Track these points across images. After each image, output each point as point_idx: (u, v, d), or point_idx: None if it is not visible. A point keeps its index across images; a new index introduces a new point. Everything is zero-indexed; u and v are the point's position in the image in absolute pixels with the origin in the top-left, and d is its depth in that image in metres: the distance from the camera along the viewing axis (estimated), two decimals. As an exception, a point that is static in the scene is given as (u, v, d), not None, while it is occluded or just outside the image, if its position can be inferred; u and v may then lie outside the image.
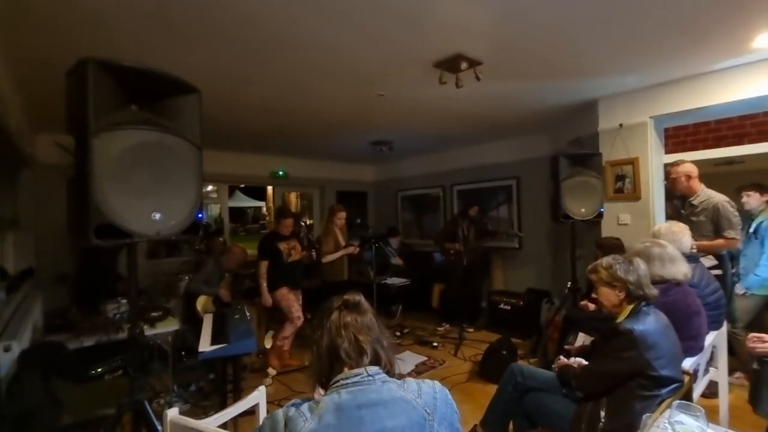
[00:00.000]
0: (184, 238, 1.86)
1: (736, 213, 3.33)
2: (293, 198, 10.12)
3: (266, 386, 1.98)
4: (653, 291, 2.03)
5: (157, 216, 1.66)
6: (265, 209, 16.97)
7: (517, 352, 4.07)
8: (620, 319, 1.99)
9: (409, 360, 4.53)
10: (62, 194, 4.85)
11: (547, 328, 4.28)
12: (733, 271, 3.63)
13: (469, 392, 3.66)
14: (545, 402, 2.25)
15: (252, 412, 1.90)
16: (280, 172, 7.37)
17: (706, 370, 2.69)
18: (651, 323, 1.88)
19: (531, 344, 4.67)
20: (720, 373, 2.83)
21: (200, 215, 1.90)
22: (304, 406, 1.04)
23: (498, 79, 3.60)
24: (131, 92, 1.66)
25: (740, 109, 3.75)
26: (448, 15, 2.50)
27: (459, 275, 5.46)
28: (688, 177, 3.48)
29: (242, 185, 12.63)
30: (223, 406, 2.50)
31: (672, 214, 3.84)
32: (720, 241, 3.28)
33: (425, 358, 4.61)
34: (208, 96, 1.96)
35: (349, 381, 1.09)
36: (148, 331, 3.18)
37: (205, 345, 2.77)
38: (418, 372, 4.25)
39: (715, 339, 2.65)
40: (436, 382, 1.19)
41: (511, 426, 2.42)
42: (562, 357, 2.36)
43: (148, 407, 1.74)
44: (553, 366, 2.36)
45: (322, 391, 1.16)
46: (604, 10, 2.49)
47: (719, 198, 3.35)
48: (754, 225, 3.59)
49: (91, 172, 1.46)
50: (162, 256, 6.18)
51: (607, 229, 4.23)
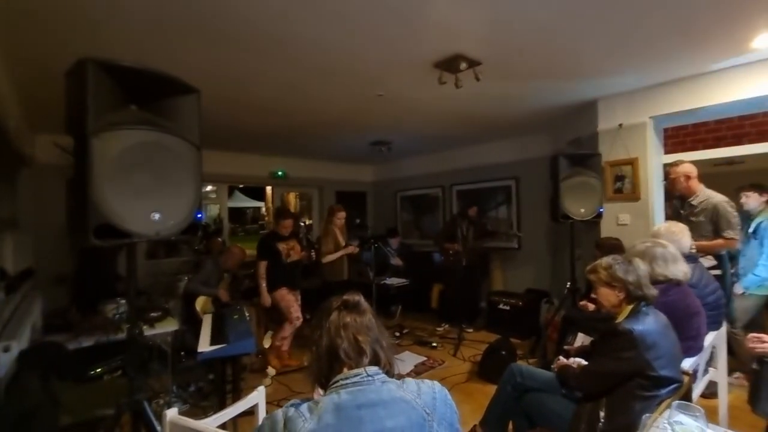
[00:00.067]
0: (184, 238, 1.86)
1: (736, 213, 3.32)
2: (292, 198, 10.11)
3: (265, 386, 1.98)
4: (653, 291, 2.03)
5: (157, 216, 1.66)
6: (264, 209, 16.98)
7: (516, 353, 4.06)
8: (620, 319, 1.99)
9: (408, 360, 4.53)
10: (61, 194, 4.84)
11: (546, 328, 4.28)
12: (733, 271, 3.63)
13: (469, 392, 3.66)
14: (545, 402, 2.25)
15: (251, 412, 1.90)
16: (280, 173, 7.36)
17: (706, 371, 2.69)
18: (650, 323, 1.88)
19: (530, 344, 4.66)
20: (719, 373, 2.83)
21: (199, 215, 1.90)
22: (304, 407, 1.04)
23: (497, 80, 3.60)
24: (130, 92, 1.66)
25: (739, 110, 3.76)
26: (448, 15, 2.50)
27: (458, 275, 5.46)
28: (687, 177, 3.48)
29: (241, 185, 12.64)
30: (222, 406, 2.50)
31: (671, 215, 3.83)
32: (719, 242, 3.28)
33: (424, 359, 4.61)
34: (207, 96, 1.96)
35: (348, 381, 1.09)
36: (148, 332, 3.17)
37: (204, 345, 2.77)
38: (417, 372, 4.25)
39: (715, 339, 2.65)
40: (435, 382, 1.19)
41: (510, 426, 2.42)
42: (561, 357, 2.36)
43: (147, 407, 1.74)
44: (552, 366, 2.36)
45: (321, 392, 1.16)
46: (604, 10, 2.49)
47: (718, 198, 3.35)
48: (753, 225, 3.59)
49: (91, 172, 1.46)
50: (161, 256, 6.17)
51: (607, 230, 4.23)
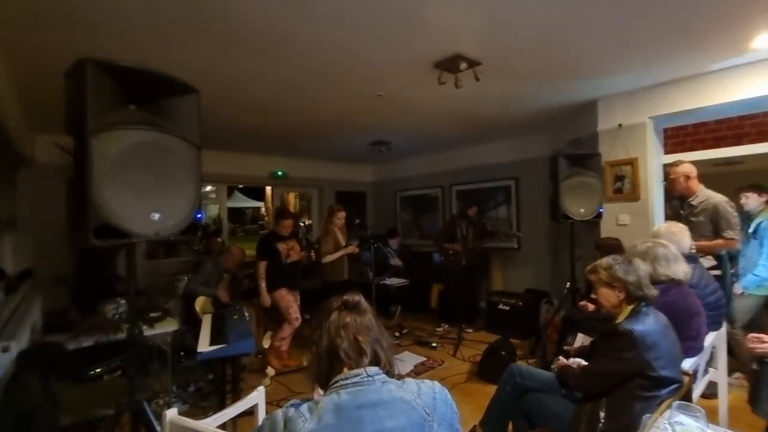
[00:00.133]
0: (183, 238, 1.86)
1: (736, 213, 3.32)
2: (292, 198, 10.11)
3: (265, 386, 1.97)
4: (653, 291, 2.03)
5: (156, 216, 1.66)
6: (263, 210, 16.98)
7: (516, 353, 4.07)
8: (620, 319, 1.98)
9: (407, 360, 4.53)
10: (61, 194, 4.84)
11: (546, 328, 4.28)
12: (732, 271, 3.63)
13: (468, 392, 3.66)
14: (544, 402, 2.25)
15: (251, 412, 1.90)
16: (279, 173, 7.36)
17: (706, 371, 2.69)
18: (651, 324, 1.88)
19: (530, 345, 4.66)
20: (719, 373, 2.83)
21: (199, 215, 1.90)
22: (304, 407, 1.04)
23: (497, 80, 3.60)
24: (130, 92, 1.66)
25: (739, 110, 3.76)
26: (447, 16, 2.50)
27: (458, 276, 5.46)
28: (687, 177, 3.48)
29: (241, 185, 12.66)
30: (221, 406, 2.50)
31: (671, 215, 3.83)
32: (719, 242, 3.27)
33: (424, 359, 4.61)
34: (207, 96, 1.96)
35: (348, 381, 1.08)
36: (147, 332, 3.17)
37: (204, 345, 2.76)
38: (416, 372, 4.25)
39: (715, 339, 2.65)
40: (435, 382, 1.19)
41: (510, 426, 2.42)
42: (561, 357, 2.35)
43: (147, 408, 1.73)
44: (552, 366, 2.36)
45: (321, 392, 1.16)
46: (603, 11, 2.49)
47: (718, 198, 3.35)
48: (753, 225, 3.59)
49: (90, 172, 1.46)
50: (161, 256, 6.17)
51: (606, 230, 4.23)
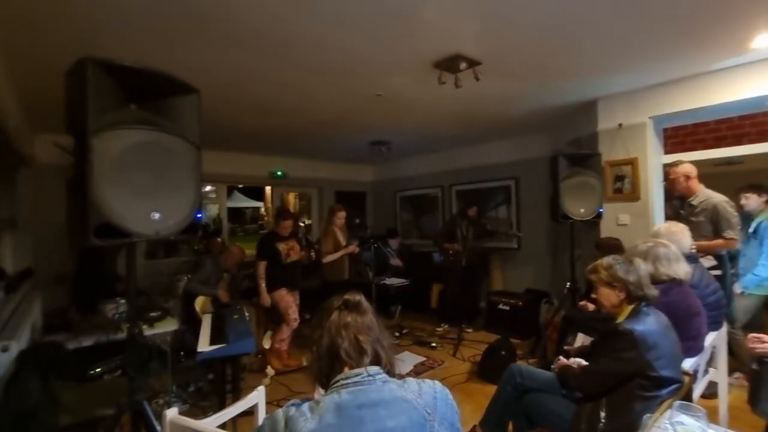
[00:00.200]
0: (183, 237, 1.86)
1: (736, 213, 3.31)
2: (291, 198, 10.10)
3: (264, 386, 1.97)
4: (653, 291, 2.03)
5: (157, 216, 1.66)
6: (263, 209, 16.96)
7: (516, 353, 4.06)
8: (620, 319, 1.98)
9: (407, 360, 4.53)
10: (61, 194, 4.82)
11: (546, 328, 4.29)
12: (733, 271, 3.63)
13: (469, 392, 3.66)
14: (545, 402, 2.24)
15: (251, 412, 1.90)
16: (279, 173, 7.35)
17: (706, 371, 2.69)
18: (651, 324, 1.88)
19: (530, 345, 4.66)
20: (720, 373, 2.83)
21: (199, 215, 1.90)
22: (305, 406, 1.04)
23: (497, 80, 3.60)
24: (130, 92, 1.66)
25: (739, 109, 3.75)
26: (447, 15, 2.50)
27: (458, 275, 5.46)
28: (687, 177, 3.47)
29: (240, 185, 12.65)
30: (221, 406, 2.50)
31: (671, 215, 3.83)
32: (719, 242, 3.27)
33: (424, 359, 4.61)
34: (207, 96, 1.95)
35: (349, 381, 1.08)
36: (147, 332, 3.17)
37: (204, 345, 2.77)
38: (416, 372, 4.25)
39: (715, 339, 2.65)
40: (436, 382, 1.19)
41: (510, 426, 2.42)
42: (561, 357, 2.35)
43: (147, 407, 1.73)
44: (552, 366, 2.36)
45: (322, 391, 1.16)
46: (604, 11, 2.49)
47: (718, 198, 3.34)
48: (753, 225, 3.59)
49: (91, 171, 1.46)
50: (160, 256, 6.16)
51: (606, 230, 4.23)
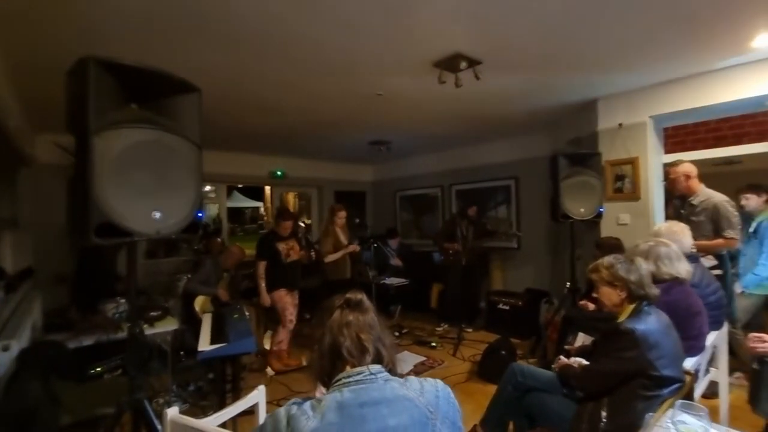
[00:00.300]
0: (184, 236, 1.86)
1: (736, 213, 3.31)
2: (291, 198, 10.09)
3: (264, 386, 1.97)
4: (654, 290, 2.03)
5: (157, 215, 1.66)
6: (262, 209, 16.94)
7: (516, 352, 4.06)
8: (621, 318, 1.98)
9: (407, 360, 4.52)
10: (61, 194, 4.83)
11: (546, 328, 4.28)
12: (734, 271, 3.62)
13: (469, 392, 3.65)
14: (546, 402, 2.24)
15: (251, 411, 1.89)
16: (279, 172, 7.35)
17: (707, 371, 2.69)
18: (652, 323, 1.88)
19: (530, 344, 4.66)
20: (720, 373, 2.83)
21: (200, 214, 1.90)
22: (307, 405, 1.04)
23: (497, 79, 3.60)
24: (131, 91, 1.66)
25: (740, 109, 3.75)
26: (447, 14, 2.50)
27: (458, 275, 5.46)
28: (687, 177, 3.47)
29: (240, 185, 12.65)
30: (221, 405, 2.50)
31: (672, 215, 3.83)
32: (719, 241, 3.27)
33: (424, 359, 4.61)
34: (206, 96, 1.95)
35: (351, 379, 1.08)
36: (147, 331, 3.16)
37: (204, 344, 2.76)
38: (416, 372, 4.24)
39: (716, 339, 2.65)
40: (438, 380, 1.19)
41: (511, 426, 2.42)
42: (562, 357, 2.35)
43: (147, 406, 1.73)
44: (553, 366, 2.36)
45: (323, 390, 1.16)
46: (604, 11, 2.50)
47: (719, 198, 3.34)
48: (754, 225, 3.59)
49: (92, 170, 1.46)
50: (160, 255, 6.17)
51: (607, 229, 4.23)
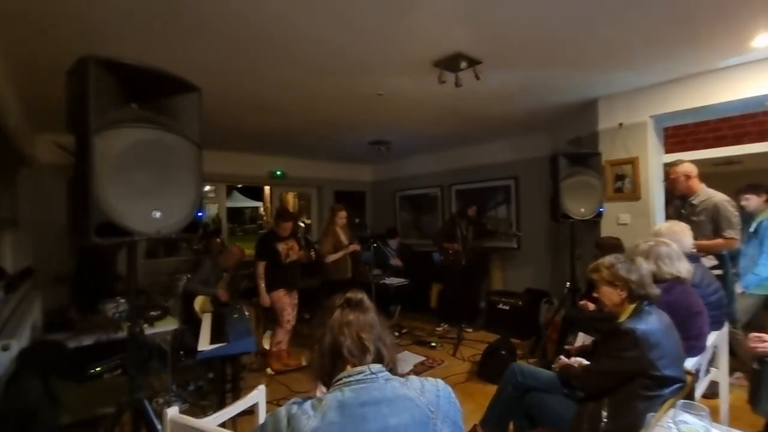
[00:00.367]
0: (184, 236, 1.86)
1: (737, 213, 3.31)
2: (291, 198, 10.08)
3: (264, 386, 1.97)
4: (655, 290, 2.02)
5: (158, 214, 1.66)
6: (262, 209, 16.93)
7: (516, 352, 4.06)
8: (622, 318, 1.98)
9: (407, 360, 4.52)
10: (61, 194, 4.84)
11: (546, 328, 4.29)
12: (734, 271, 3.62)
13: (469, 392, 3.65)
14: (546, 402, 2.24)
15: (251, 411, 1.89)
16: (278, 172, 7.35)
17: (707, 371, 2.69)
18: (653, 323, 1.87)
19: (530, 344, 4.65)
20: (721, 373, 2.83)
21: (200, 214, 1.90)
22: (307, 404, 1.04)
23: (497, 79, 3.60)
24: (131, 90, 1.66)
25: (740, 109, 3.75)
26: (447, 14, 2.50)
27: (457, 275, 5.46)
28: (687, 177, 3.47)
29: (240, 185, 12.64)
30: (221, 405, 2.50)
31: (673, 215, 3.83)
32: (719, 241, 3.27)
33: (424, 358, 4.61)
34: (206, 96, 1.95)
35: (352, 379, 1.08)
36: (147, 330, 3.16)
37: (204, 344, 2.76)
38: (416, 372, 4.24)
39: (717, 339, 2.65)
40: (439, 380, 1.19)
41: (511, 426, 2.42)
42: (562, 357, 2.35)
43: (147, 406, 1.73)
44: (553, 366, 2.35)
45: (324, 389, 1.16)
46: (604, 12, 2.50)
47: (719, 197, 3.34)
48: (754, 225, 3.58)
49: (92, 170, 1.46)
50: (160, 255, 6.17)
51: (607, 229, 4.23)
